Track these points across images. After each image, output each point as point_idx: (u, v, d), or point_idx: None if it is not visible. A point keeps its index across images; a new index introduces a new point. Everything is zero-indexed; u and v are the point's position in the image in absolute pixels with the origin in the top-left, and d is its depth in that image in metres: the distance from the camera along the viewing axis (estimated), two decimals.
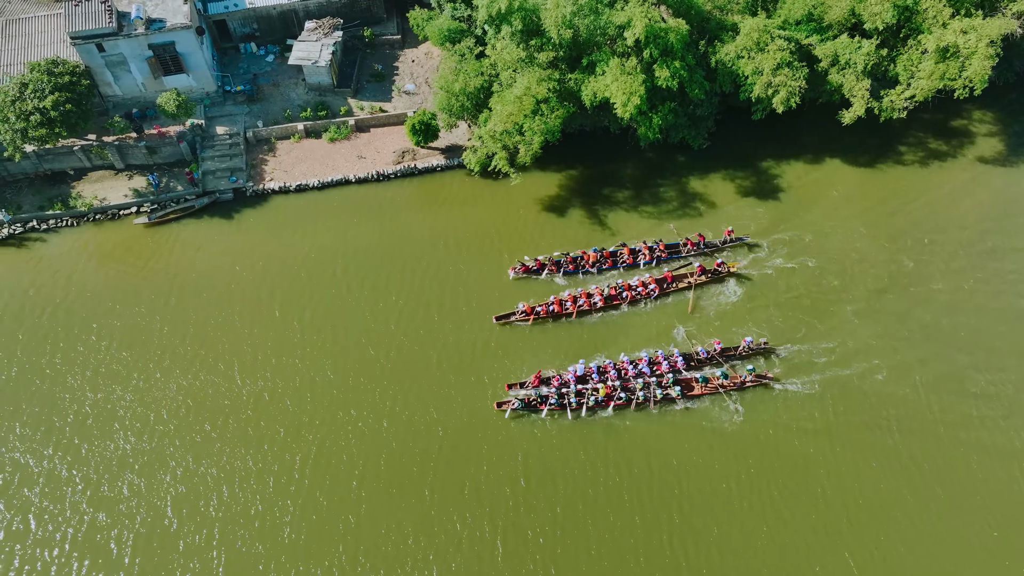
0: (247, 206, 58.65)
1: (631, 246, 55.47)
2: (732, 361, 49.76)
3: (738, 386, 48.28)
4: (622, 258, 55.07)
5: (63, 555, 43.36)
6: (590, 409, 47.54)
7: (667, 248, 55.54)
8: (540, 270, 54.38)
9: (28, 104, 51.26)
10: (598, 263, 54.66)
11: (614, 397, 47.70)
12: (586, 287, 53.31)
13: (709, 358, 49.66)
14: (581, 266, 54.63)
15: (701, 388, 48.47)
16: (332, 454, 46.69)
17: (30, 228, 56.68)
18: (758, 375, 48.46)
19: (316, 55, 62.09)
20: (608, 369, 49.03)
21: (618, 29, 55.91)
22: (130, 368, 50.28)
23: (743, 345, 49.77)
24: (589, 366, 49.07)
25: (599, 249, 55.01)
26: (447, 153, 61.37)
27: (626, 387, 48.06)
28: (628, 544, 42.87)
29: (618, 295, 52.61)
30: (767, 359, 49.89)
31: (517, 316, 51.49)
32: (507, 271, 54.31)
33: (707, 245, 55.57)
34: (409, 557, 42.95)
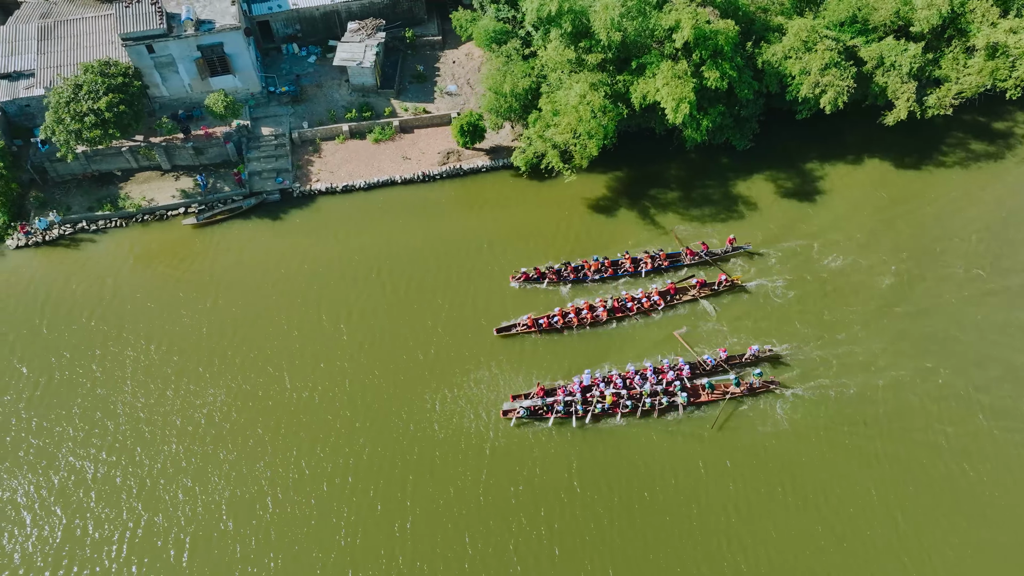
0: (294, 207, 58.02)
1: (632, 255, 54.31)
2: (738, 368, 48.83)
3: (747, 392, 47.47)
4: (623, 267, 53.96)
5: (120, 558, 42.78)
6: (596, 417, 46.71)
7: (668, 257, 54.35)
8: (541, 279, 53.23)
9: (82, 105, 50.72)
10: (599, 272, 53.45)
11: (620, 404, 46.79)
12: (590, 299, 51.97)
13: (715, 366, 48.72)
14: (582, 275, 53.46)
15: (708, 395, 47.61)
16: (384, 457, 46.01)
17: (79, 229, 56.15)
18: (766, 381, 47.61)
19: (360, 56, 61.46)
20: (613, 379, 48.03)
21: (666, 32, 55.28)
22: (180, 371, 49.63)
23: (749, 353, 48.85)
24: (595, 376, 48.08)
25: (600, 258, 53.78)
26: (492, 154, 60.71)
27: (632, 395, 47.19)
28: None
29: (621, 308, 51.48)
30: (774, 367, 48.95)
31: (519, 328, 50.55)
32: (508, 279, 53.30)
33: (709, 254, 54.25)
34: (467, 560, 42.49)
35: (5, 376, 49.62)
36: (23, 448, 46.74)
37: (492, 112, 56.81)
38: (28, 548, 43.15)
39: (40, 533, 43.63)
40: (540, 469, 45.28)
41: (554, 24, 54.97)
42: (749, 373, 48.16)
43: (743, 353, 49.21)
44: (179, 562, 42.73)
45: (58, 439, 47.02)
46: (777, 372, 48.62)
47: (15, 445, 46.84)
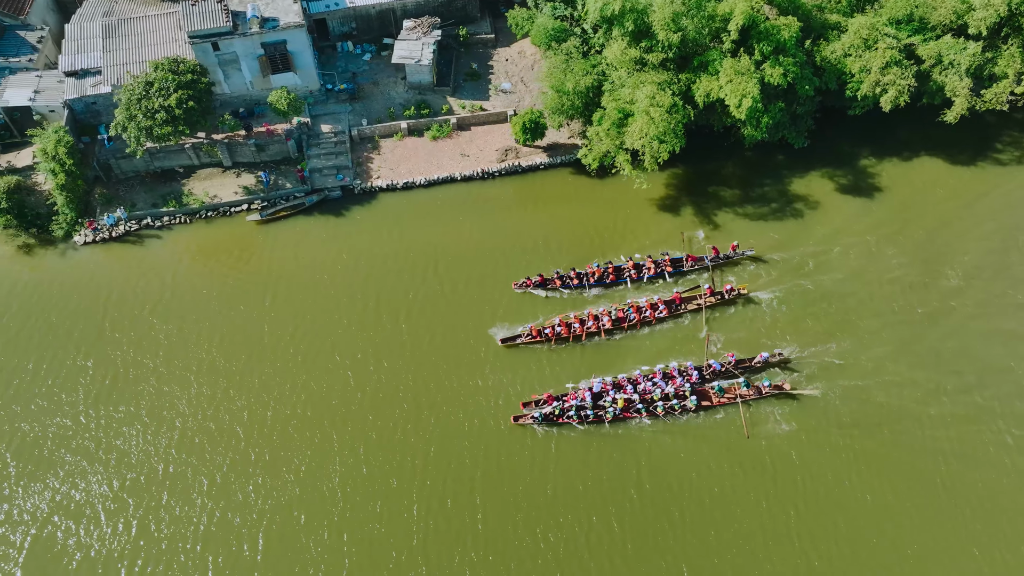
0: (355, 204, 57.57)
1: (636, 260, 53.27)
2: (747, 373, 48.06)
3: (756, 396, 46.77)
4: (627, 272, 52.93)
5: (196, 554, 42.42)
6: (608, 422, 46.06)
7: (672, 263, 53.26)
8: (544, 284, 52.16)
9: (154, 102, 50.42)
10: (603, 278, 52.54)
11: (632, 409, 46.19)
12: (594, 308, 50.95)
13: (723, 371, 48.02)
14: (585, 281, 52.41)
15: (718, 399, 46.95)
16: (451, 455, 45.54)
17: (145, 225, 55.84)
18: (776, 385, 46.94)
19: (418, 54, 61.10)
20: (623, 383, 47.44)
21: (723, 22, 54.88)
22: (245, 368, 49.19)
23: (759, 358, 48.10)
24: (605, 381, 47.38)
25: (604, 264, 52.89)
26: (549, 151, 60.28)
27: (644, 398, 46.56)
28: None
29: (626, 317, 50.42)
30: (784, 372, 48.19)
31: (523, 339, 49.51)
32: (511, 285, 52.55)
33: (712, 260, 53.25)
34: (540, 556, 42.12)
35: (72, 372, 49.20)
36: (94, 445, 46.34)
37: (554, 110, 56.39)
38: (104, 545, 42.82)
39: (115, 529, 43.29)
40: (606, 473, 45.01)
41: (616, 24, 54.59)
42: (760, 377, 47.43)
43: (753, 357, 48.48)
44: (254, 557, 42.35)
45: (128, 436, 46.63)
46: (787, 376, 47.93)
47: (86, 442, 46.43)
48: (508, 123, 61.95)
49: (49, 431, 46.84)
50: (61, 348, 50.20)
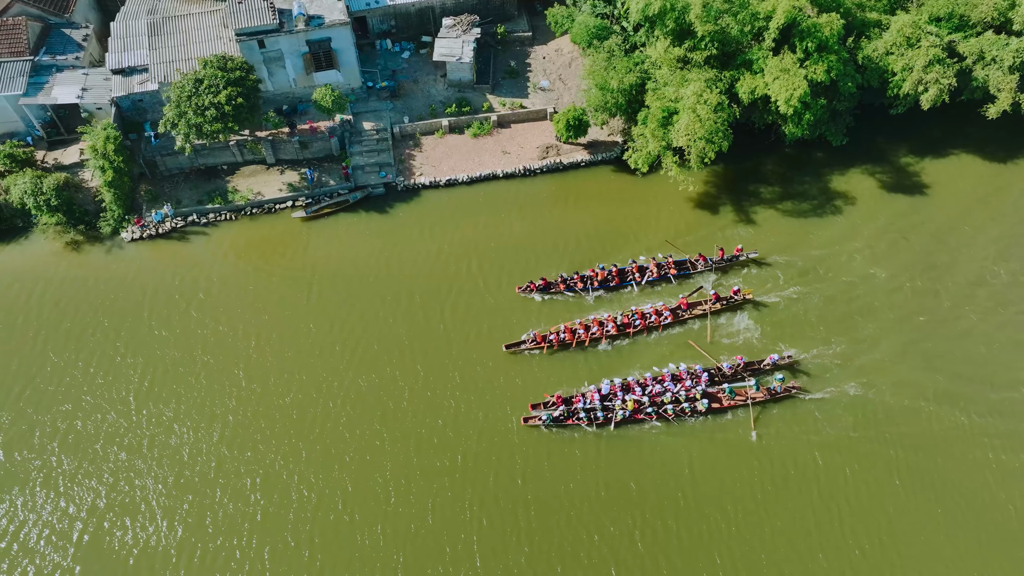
0: (399, 200, 57.33)
1: (639, 263, 52.51)
2: (757, 376, 47.53)
3: (767, 398, 46.24)
4: (630, 275, 52.29)
5: (251, 549, 42.14)
6: (618, 424, 45.60)
7: (675, 265, 52.55)
8: (548, 288, 51.49)
9: (203, 99, 50.33)
10: (606, 281, 51.89)
11: (642, 411, 45.69)
12: (599, 315, 50.09)
13: (733, 374, 47.52)
14: (588, 284, 51.75)
15: (729, 401, 46.46)
16: (499, 452, 45.16)
17: (190, 222, 55.82)
18: (787, 387, 46.40)
19: (459, 51, 60.92)
20: (632, 385, 46.99)
21: (763, 20, 54.67)
22: (294, 365, 48.77)
23: (768, 361, 47.56)
24: (613, 383, 46.78)
25: (607, 267, 52.10)
26: (590, 148, 60.00)
27: (653, 401, 46.10)
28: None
29: (630, 323, 49.66)
30: (794, 374, 47.61)
31: (528, 345, 48.82)
32: (515, 288, 51.94)
33: (715, 262, 52.64)
34: (583, 551, 41.92)
35: (120, 368, 49.00)
36: (147, 442, 46.07)
37: (598, 108, 56.20)
38: (159, 540, 42.59)
39: (170, 524, 43.06)
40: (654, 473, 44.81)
41: (657, 24, 54.38)
42: (771, 379, 46.89)
43: (762, 359, 48.01)
44: (300, 551, 42.06)
45: (179, 432, 46.39)
46: (797, 379, 47.38)
47: (138, 439, 46.20)
48: (548, 120, 61.78)
49: (102, 428, 46.61)
50: (110, 345, 50.01)
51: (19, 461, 45.32)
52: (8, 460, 45.45)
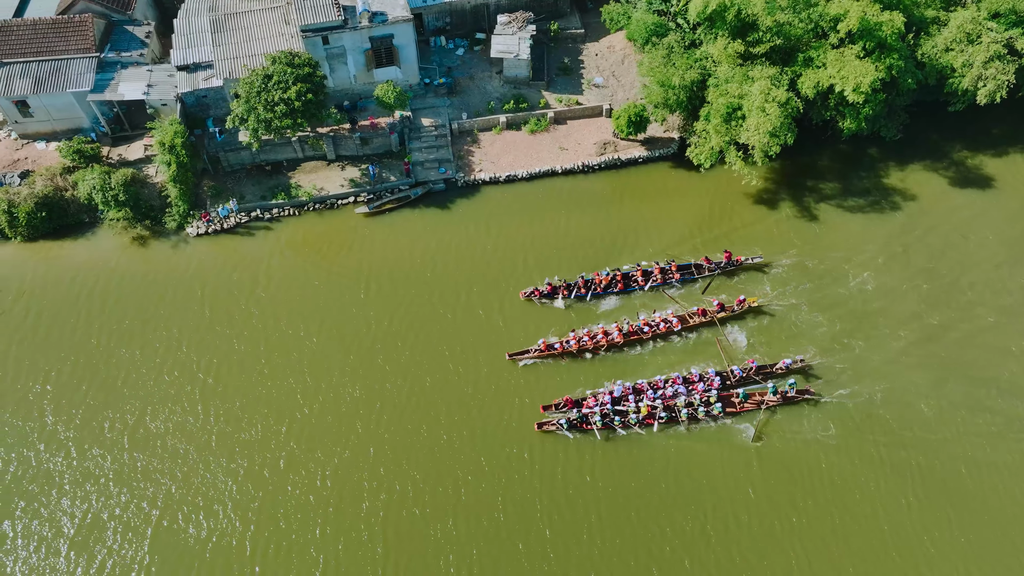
0: (459, 196, 56.85)
1: (644, 267, 51.60)
2: (770, 379, 46.79)
3: (781, 402, 45.51)
4: (634, 279, 51.33)
5: (323, 542, 41.75)
6: (632, 428, 44.90)
7: (679, 269, 51.64)
8: (553, 294, 50.56)
9: (273, 95, 50.08)
10: (611, 286, 50.95)
11: (656, 415, 44.91)
12: (606, 324, 49.15)
13: (744, 377, 46.71)
14: (593, 289, 50.75)
15: (742, 405, 45.71)
16: (560, 448, 44.83)
17: (254, 217, 55.58)
18: (800, 390, 45.67)
19: (516, 48, 60.58)
20: (644, 388, 46.28)
21: (831, 22, 54.29)
22: (357, 362, 48.15)
23: (781, 364, 46.79)
24: (625, 385, 46.07)
25: (611, 271, 51.17)
26: (647, 144, 59.55)
27: (668, 405, 45.41)
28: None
29: (636, 332, 48.63)
30: (808, 378, 47.04)
31: (532, 353, 47.78)
32: (518, 294, 51.10)
33: (719, 266, 51.72)
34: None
35: (183, 364, 48.53)
36: (215, 438, 45.51)
37: (659, 104, 55.79)
38: (234, 533, 42.19)
39: (244, 518, 42.56)
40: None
41: (717, 21, 53.97)
42: (784, 383, 46.22)
43: (775, 363, 47.31)
44: (374, 547, 41.60)
45: (247, 426, 45.81)
46: (811, 384, 46.85)
47: (206, 434, 45.66)
48: (603, 117, 61.44)
49: (170, 424, 46.10)
50: (174, 340, 49.46)
51: (91, 457, 44.88)
52: (80, 456, 44.97)
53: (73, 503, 43.36)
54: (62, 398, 47.15)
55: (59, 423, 46.17)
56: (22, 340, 49.71)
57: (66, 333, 50.05)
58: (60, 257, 53.76)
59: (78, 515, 42.99)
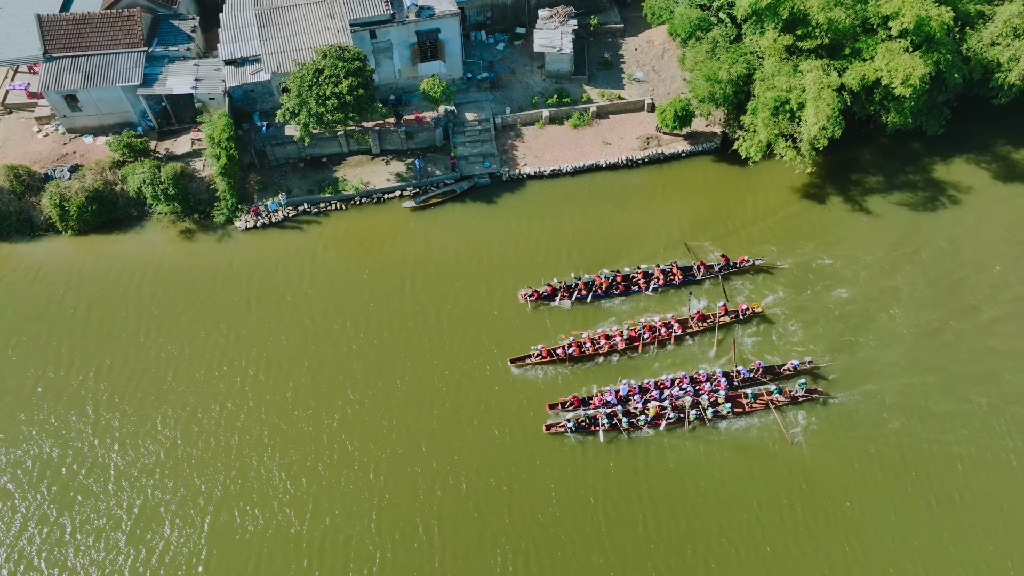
0: (504, 191, 56.22)
1: (644, 269, 50.43)
2: (777, 380, 45.97)
3: (789, 401, 44.67)
4: (635, 281, 50.20)
5: (379, 534, 41.23)
6: (639, 429, 44.10)
7: (681, 271, 50.42)
8: (552, 296, 49.48)
9: (325, 89, 49.68)
10: (611, 288, 49.83)
11: (664, 416, 44.10)
12: (606, 328, 48.06)
13: (751, 378, 45.84)
14: (593, 291, 49.59)
15: (751, 405, 44.85)
16: (626, 443, 44.47)
17: (302, 211, 55.27)
18: (809, 390, 44.76)
19: (559, 42, 60.10)
20: (649, 387, 45.38)
21: (882, 19, 53.72)
22: (406, 356, 47.63)
23: (789, 365, 45.85)
24: (631, 384, 45.31)
25: (611, 273, 50.02)
26: (690, 139, 59.02)
27: (675, 406, 44.53)
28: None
29: (638, 337, 47.45)
30: (816, 378, 46.11)
31: (533, 359, 46.69)
32: (517, 295, 49.95)
33: (722, 268, 50.47)
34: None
35: (231, 358, 47.92)
36: (268, 432, 44.99)
37: (705, 99, 55.29)
38: (289, 527, 41.69)
39: (299, 511, 42.10)
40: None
41: (767, 15, 53.42)
42: (793, 383, 45.40)
43: (783, 364, 46.46)
44: (431, 541, 41.16)
45: (296, 421, 45.32)
46: (821, 383, 46.03)
47: (257, 426, 45.17)
48: (644, 111, 60.96)
49: (221, 417, 45.61)
50: (222, 335, 48.94)
51: (145, 451, 44.47)
52: (134, 450, 44.48)
53: (129, 496, 42.98)
54: (114, 392, 46.79)
55: (112, 417, 45.76)
56: (72, 333, 49.36)
57: (116, 327, 49.70)
58: (110, 251, 53.43)
59: (135, 508, 42.61)
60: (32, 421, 45.67)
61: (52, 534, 41.50)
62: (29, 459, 44.34)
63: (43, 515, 42.13)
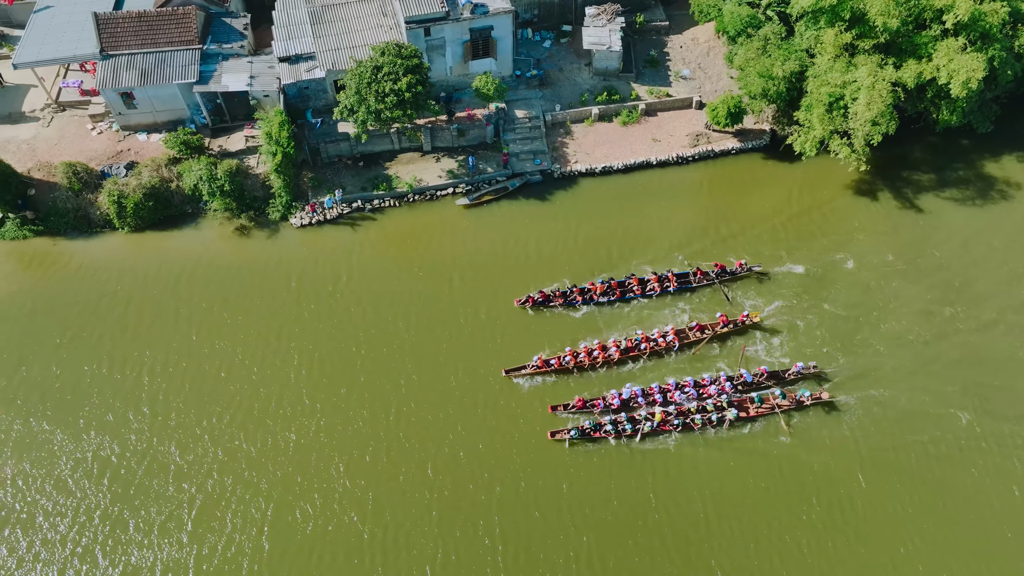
0: (556, 188, 55.48)
1: (640, 276, 49.04)
2: (781, 385, 44.95)
3: (794, 406, 43.67)
4: (631, 288, 48.70)
5: (440, 533, 40.47)
6: (645, 435, 43.02)
7: (677, 278, 49.02)
8: (547, 302, 48.12)
9: (384, 86, 49.15)
10: (606, 294, 48.49)
11: (670, 422, 43.15)
12: (603, 339, 46.63)
13: (756, 383, 44.76)
14: (588, 298, 48.27)
15: (757, 409, 43.72)
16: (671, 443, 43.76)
17: (355, 208, 54.76)
18: (815, 396, 43.73)
19: (608, 40, 59.48)
20: (653, 392, 44.27)
21: (936, 13, 53.01)
22: (458, 354, 46.78)
23: (793, 369, 44.85)
24: (635, 389, 44.33)
25: (607, 280, 48.74)
26: (739, 136, 58.29)
27: (681, 411, 43.42)
28: None
29: (635, 347, 46.00)
30: (821, 383, 45.15)
31: (529, 369, 45.14)
32: (513, 301, 48.69)
33: (718, 275, 49.17)
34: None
35: (284, 355, 47.24)
36: (323, 430, 44.24)
37: (758, 96, 54.60)
38: (348, 524, 40.94)
39: (359, 508, 41.24)
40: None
41: (824, 14, 52.70)
42: (797, 388, 44.47)
43: (787, 369, 45.39)
44: (495, 549, 40.26)
45: (351, 418, 44.48)
46: (826, 387, 45.07)
47: (314, 427, 44.28)
48: (692, 109, 60.35)
49: (277, 414, 44.77)
50: (271, 332, 48.11)
51: (203, 449, 43.72)
52: (192, 448, 43.56)
53: (189, 493, 42.26)
54: (169, 390, 45.91)
55: (169, 414, 44.88)
56: (125, 329, 48.32)
57: (168, 323, 48.73)
58: (165, 248, 52.79)
59: (195, 505, 41.89)
60: (91, 417, 45.00)
61: (114, 531, 40.88)
62: (90, 455, 43.66)
63: (104, 512, 41.47)
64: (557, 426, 43.74)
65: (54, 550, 40.23)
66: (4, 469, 42.76)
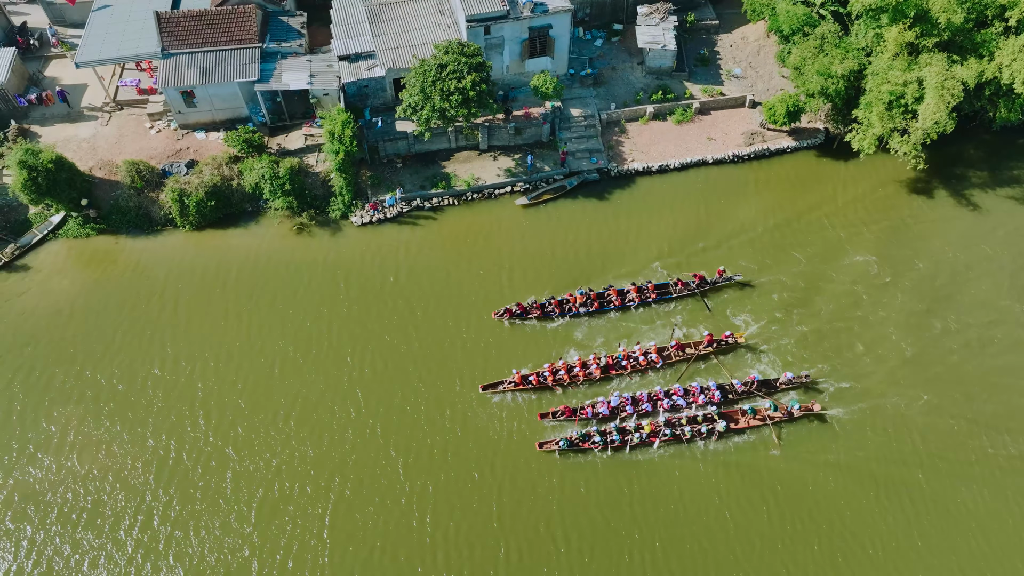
0: (614, 187, 54.65)
1: (618, 287, 47.67)
2: (772, 394, 44.00)
3: (786, 417, 42.60)
4: (609, 300, 47.30)
5: (500, 535, 39.75)
6: (634, 447, 41.96)
7: (656, 289, 47.66)
8: (525, 314, 46.72)
9: (448, 84, 48.40)
10: (585, 306, 46.96)
11: (659, 434, 41.84)
12: (583, 356, 45.25)
13: (746, 392, 43.76)
14: (567, 309, 46.93)
15: (748, 420, 42.68)
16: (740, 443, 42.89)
17: (415, 206, 54.07)
18: (806, 407, 42.67)
19: (662, 38, 58.60)
20: (642, 400, 43.12)
21: (998, 9, 52.11)
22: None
23: (783, 378, 43.79)
24: (623, 396, 43.32)
25: (586, 291, 47.30)
26: (794, 134, 57.31)
27: (670, 422, 42.34)
28: None
29: (615, 365, 44.64)
30: (812, 393, 44.20)
31: (506, 386, 43.87)
32: (491, 314, 47.42)
33: (699, 285, 47.85)
34: None
35: (336, 355, 46.46)
36: (380, 429, 43.49)
37: (816, 94, 53.68)
38: (409, 524, 40.33)
39: (420, 507, 40.72)
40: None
41: (888, 12, 51.79)
42: (789, 399, 43.44)
43: (777, 378, 44.34)
44: (556, 543, 39.95)
45: (410, 416, 43.82)
46: (817, 399, 44.06)
47: (370, 426, 43.53)
48: (745, 107, 59.51)
49: (333, 416, 44.00)
50: (324, 330, 47.38)
51: (265, 445, 43.00)
52: (250, 445, 42.92)
53: (249, 492, 41.55)
54: (223, 388, 45.10)
55: (225, 412, 44.16)
56: (187, 330, 47.71)
57: (230, 320, 47.87)
58: (226, 246, 51.97)
59: (255, 502, 41.20)
60: (147, 414, 44.31)
61: (178, 530, 40.26)
62: (149, 455, 42.96)
63: (166, 511, 40.84)
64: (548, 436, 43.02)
65: (121, 548, 39.82)
66: (71, 467, 42.11)
